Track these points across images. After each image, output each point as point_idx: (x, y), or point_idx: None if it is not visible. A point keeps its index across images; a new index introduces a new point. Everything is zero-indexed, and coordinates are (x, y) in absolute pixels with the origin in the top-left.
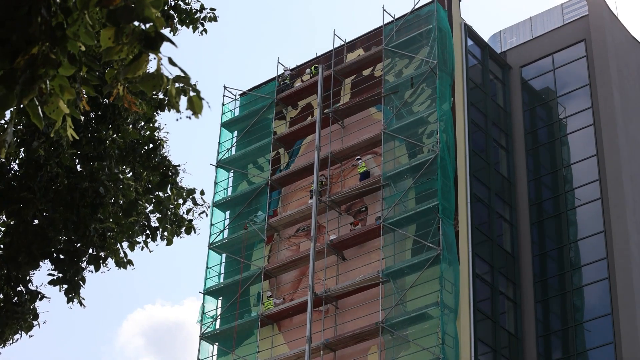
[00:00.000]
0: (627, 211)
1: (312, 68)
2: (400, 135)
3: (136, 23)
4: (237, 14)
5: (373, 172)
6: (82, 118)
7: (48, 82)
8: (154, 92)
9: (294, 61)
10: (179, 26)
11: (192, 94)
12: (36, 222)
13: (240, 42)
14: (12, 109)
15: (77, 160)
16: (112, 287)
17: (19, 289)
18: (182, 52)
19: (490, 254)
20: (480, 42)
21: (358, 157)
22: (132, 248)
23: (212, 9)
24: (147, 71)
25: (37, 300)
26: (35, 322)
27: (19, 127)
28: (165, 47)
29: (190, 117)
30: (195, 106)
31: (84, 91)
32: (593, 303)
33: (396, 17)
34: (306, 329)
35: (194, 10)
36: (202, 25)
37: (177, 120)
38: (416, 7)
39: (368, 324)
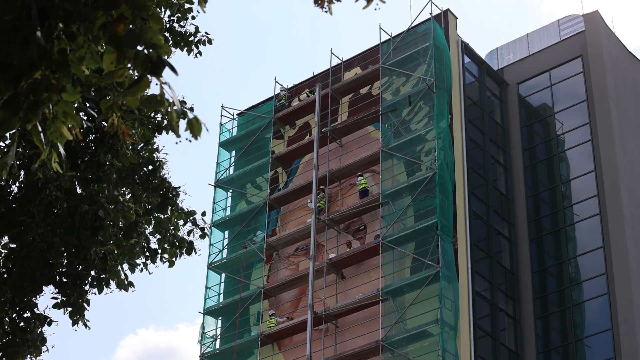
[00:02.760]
0: (625, 226)
1: (308, 91)
2: (398, 153)
3: (139, 47)
4: (234, 35)
5: (372, 190)
6: (81, 142)
7: (52, 107)
8: (152, 115)
9: (291, 80)
10: (173, 48)
11: (191, 116)
12: (37, 246)
13: (238, 62)
14: (14, 132)
15: (76, 183)
16: (103, 313)
17: (26, 314)
18: (180, 72)
19: (489, 270)
20: (477, 59)
21: (359, 173)
22: (132, 270)
23: (207, 33)
24: (147, 94)
25: (46, 324)
26: (43, 347)
27: (18, 150)
28: (164, 71)
29: (190, 140)
30: (195, 129)
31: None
32: (593, 318)
33: (393, 35)
34: (306, 347)
35: (188, 33)
36: (197, 47)
37: (176, 143)
38: (413, 25)
39: (368, 342)
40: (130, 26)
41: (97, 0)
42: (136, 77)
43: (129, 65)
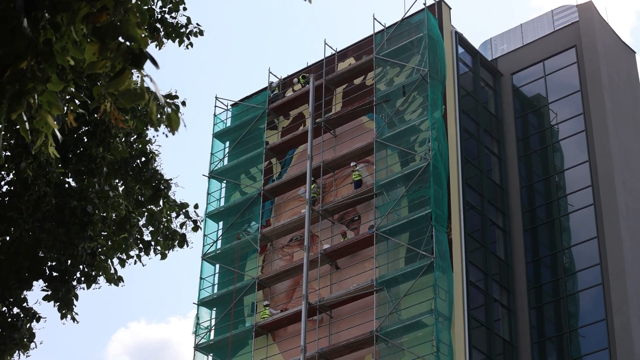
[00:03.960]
0: (620, 217)
1: (300, 77)
2: (392, 143)
3: (121, 39)
4: (229, 25)
5: (366, 180)
6: (73, 135)
7: (37, 97)
8: (145, 109)
9: (285, 71)
10: (164, 40)
11: (169, 110)
12: (26, 241)
13: (232, 52)
14: (0, 123)
15: (69, 175)
16: (95, 306)
17: (15, 310)
18: (173, 62)
19: (483, 261)
20: (471, 49)
21: (354, 162)
22: (122, 265)
23: (198, 24)
24: (130, 87)
25: (34, 320)
26: (32, 344)
27: (12, 141)
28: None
29: (167, 135)
30: (173, 123)
31: (71, 107)
32: (587, 309)
33: (387, 25)
34: (301, 338)
35: (179, 25)
36: (188, 39)
37: (154, 137)
38: (407, 15)
39: (362, 332)
40: (112, 18)
41: None
42: (118, 69)
43: (110, 56)
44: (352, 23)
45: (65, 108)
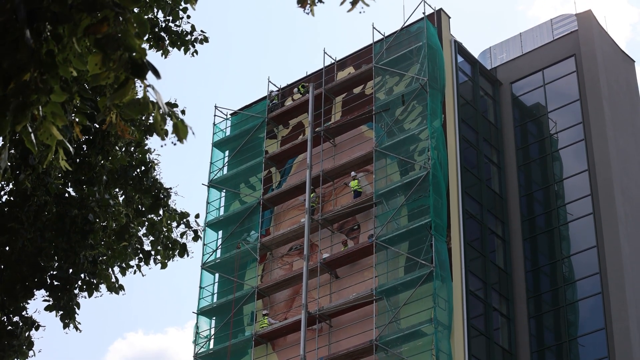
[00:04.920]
0: (619, 225)
1: (300, 87)
2: (391, 152)
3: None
4: (228, 34)
5: (365, 189)
6: (72, 144)
7: (41, 108)
8: (142, 117)
9: (285, 80)
10: (170, 48)
11: (176, 119)
12: (28, 250)
13: (232, 61)
14: (5, 135)
15: (68, 185)
16: (92, 317)
17: (14, 318)
18: (173, 72)
19: (483, 270)
20: (471, 58)
21: (354, 173)
22: (123, 273)
23: (203, 31)
24: (134, 97)
25: (33, 329)
26: (30, 352)
27: (11, 152)
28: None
29: (175, 143)
30: (181, 132)
31: (76, 119)
32: (587, 318)
33: (386, 34)
34: (300, 347)
35: (184, 32)
36: (193, 46)
37: (161, 146)
38: (406, 24)
39: (362, 342)
40: (113, 29)
41: (81, 2)
42: (122, 80)
43: (113, 67)
44: (352, 32)
45: (71, 121)
